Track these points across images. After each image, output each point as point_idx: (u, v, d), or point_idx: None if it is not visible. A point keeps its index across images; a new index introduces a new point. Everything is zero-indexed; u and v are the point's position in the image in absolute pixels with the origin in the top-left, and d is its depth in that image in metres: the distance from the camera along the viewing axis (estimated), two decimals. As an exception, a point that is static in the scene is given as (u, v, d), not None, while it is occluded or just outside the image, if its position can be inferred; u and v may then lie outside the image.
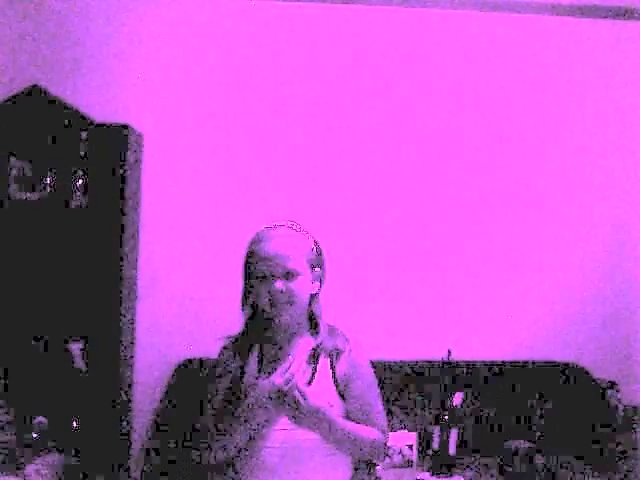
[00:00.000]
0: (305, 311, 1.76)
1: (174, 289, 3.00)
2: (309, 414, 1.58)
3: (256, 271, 1.70)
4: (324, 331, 1.76)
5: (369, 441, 1.71)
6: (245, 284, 1.77)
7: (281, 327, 1.74)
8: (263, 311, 1.73)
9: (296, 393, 1.57)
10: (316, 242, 1.80)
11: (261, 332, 1.78)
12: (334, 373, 1.71)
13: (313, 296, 1.77)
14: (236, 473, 1.74)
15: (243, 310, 1.81)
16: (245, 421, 1.65)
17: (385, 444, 1.77)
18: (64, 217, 2.71)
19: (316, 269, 1.76)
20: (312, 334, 1.76)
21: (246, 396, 1.67)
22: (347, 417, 1.72)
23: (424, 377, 2.93)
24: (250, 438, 1.67)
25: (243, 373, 1.73)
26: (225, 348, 1.81)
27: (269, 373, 1.66)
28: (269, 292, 1.68)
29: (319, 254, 1.79)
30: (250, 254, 1.74)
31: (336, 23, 3.08)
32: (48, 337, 2.73)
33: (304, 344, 1.73)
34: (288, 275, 1.68)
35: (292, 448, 1.65)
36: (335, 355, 1.72)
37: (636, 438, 2.78)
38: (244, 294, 1.79)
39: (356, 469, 1.84)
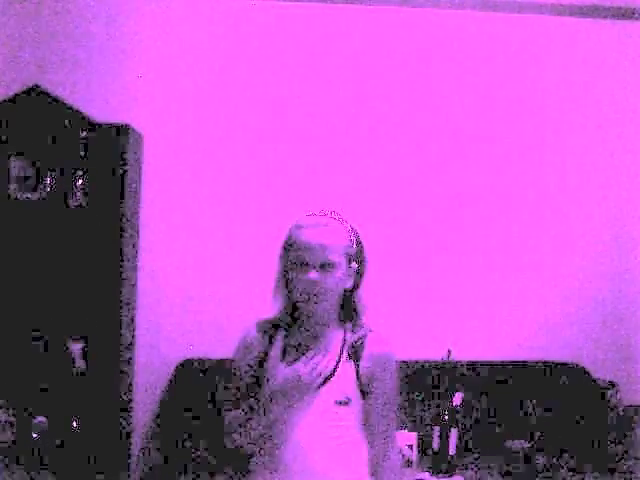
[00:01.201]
0: (335, 304, 1.72)
1: (174, 289, 3.00)
2: None
3: (293, 258, 1.68)
4: (359, 328, 1.72)
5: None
6: (281, 270, 1.74)
7: (310, 317, 1.71)
8: (294, 298, 1.71)
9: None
10: (358, 236, 1.77)
11: (290, 319, 1.75)
12: (358, 368, 1.67)
13: (350, 291, 1.74)
14: (250, 471, 1.73)
15: (276, 295, 1.76)
16: (263, 412, 1.62)
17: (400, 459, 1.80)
18: (64, 217, 2.71)
19: (352, 264, 1.73)
20: (343, 328, 1.74)
21: (266, 381, 1.66)
22: (366, 416, 1.68)
23: (424, 377, 2.93)
24: (265, 434, 1.66)
25: (266, 357, 1.71)
26: (251, 331, 1.77)
27: (292, 361, 1.65)
28: (303, 281, 1.65)
29: (359, 249, 1.75)
30: (289, 240, 1.71)
31: (336, 23, 3.08)
32: (48, 337, 2.73)
33: (332, 336, 1.71)
34: (324, 266, 1.65)
35: (306, 446, 1.64)
36: (359, 349, 1.68)
37: (636, 438, 2.78)
38: (279, 280, 1.75)
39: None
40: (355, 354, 1.68)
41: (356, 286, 1.76)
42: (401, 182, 3.11)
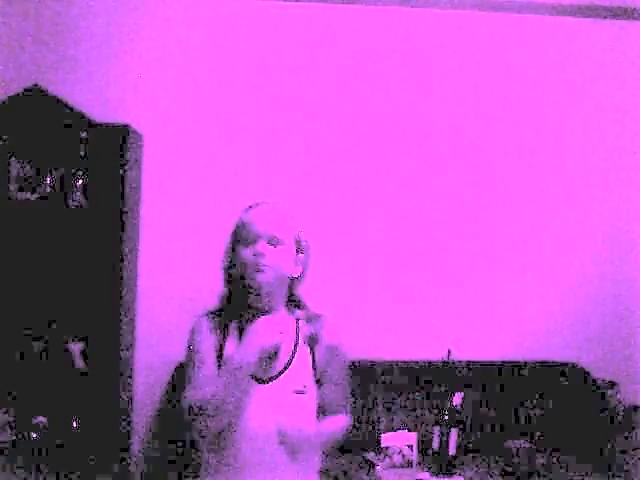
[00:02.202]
0: (283, 289, 1.74)
1: (174, 289, 3.00)
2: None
3: (242, 236, 1.70)
4: (307, 316, 1.76)
5: (341, 430, 1.73)
6: (228, 255, 1.76)
7: (259, 299, 1.70)
8: (242, 279, 1.69)
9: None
10: (305, 231, 1.80)
11: (239, 308, 1.75)
12: (314, 360, 1.71)
13: (293, 280, 1.76)
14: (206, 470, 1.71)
15: (225, 284, 1.78)
16: (228, 384, 1.59)
17: (349, 426, 1.76)
18: (64, 217, 2.71)
19: (300, 254, 1.75)
20: (292, 315, 1.76)
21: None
22: (321, 402, 1.70)
23: (424, 377, 2.93)
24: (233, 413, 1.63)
25: (222, 348, 1.69)
26: (203, 319, 1.76)
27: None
28: (249, 255, 1.67)
29: (306, 242, 1.78)
30: (238, 223, 1.75)
31: (336, 23, 3.08)
32: (48, 337, 2.73)
33: (282, 319, 1.71)
34: (272, 240, 1.68)
35: (264, 438, 1.63)
36: (315, 341, 1.72)
37: (636, 438, 2.78)
38: (227, 266, 1.76)
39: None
40: (312, 343, 1.71)
41: (300, 279, 1.78)
42: (401, 182, 3.11)
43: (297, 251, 1.75)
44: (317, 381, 1.70)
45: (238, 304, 1.75)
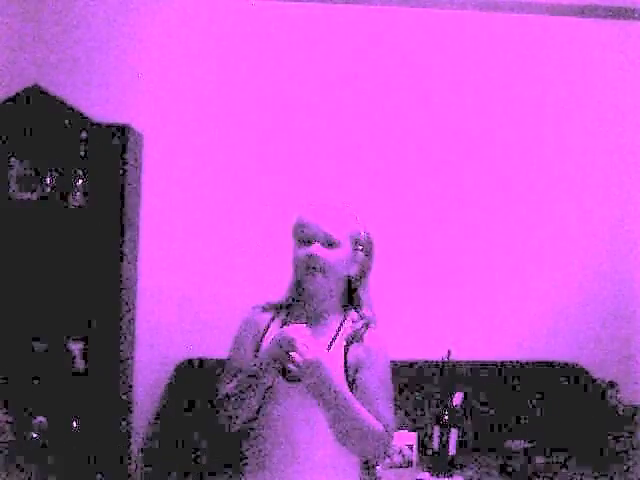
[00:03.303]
0: (337, 289, 1.72)
1: (174, 289, 3.00)
2: (311, 366, 1.53)
3: (298, 236, 1.70)
4: (361, 319, 1.71)
5: (372, 430, 1.59)
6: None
7: (311, 297, 1.70)
8: (297, 276, 1.70)
9: (300, 342, 1.54)
10: (367, 229, 1.77)
11: (292, 301, 1.75)
12: (346, 360, 1.65)
13: (353, 279, 1.74)
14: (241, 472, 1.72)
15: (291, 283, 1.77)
16: (254, 375, 1.60)
17: (388, 443, 1.65)
18: (64, 217, 2.72)
19: (359, 252, 1.73)
20: (344, 315, 1.72)
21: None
22: None
23: (424, 377, 2.93)
24: (259, 407, 1.63)
25: (263, 337, 1.70)
26: (253, 312, 1.77)
27: None
28: (303, 256, 1.66)
29: (368, 241, 1.76)
30: (296, 222, 1.73)
31: (336, 23, 3.08)
32: (48, 337, 2.73)
33: (332, 322, 1.70)
34: (327, 242, 1.67)
35: (294, 444, 1.64)
36: (355, 340, 1.67)
37: (636, 438, 2.78)
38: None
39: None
40: (350, 342, 1.66)
41: (361, 277, 1.76)
42: (401, 182, 3.11)
43: (355, 249, 1.72)
44: (350, 384, 1.63)
45: (291, 299, 1.76)
